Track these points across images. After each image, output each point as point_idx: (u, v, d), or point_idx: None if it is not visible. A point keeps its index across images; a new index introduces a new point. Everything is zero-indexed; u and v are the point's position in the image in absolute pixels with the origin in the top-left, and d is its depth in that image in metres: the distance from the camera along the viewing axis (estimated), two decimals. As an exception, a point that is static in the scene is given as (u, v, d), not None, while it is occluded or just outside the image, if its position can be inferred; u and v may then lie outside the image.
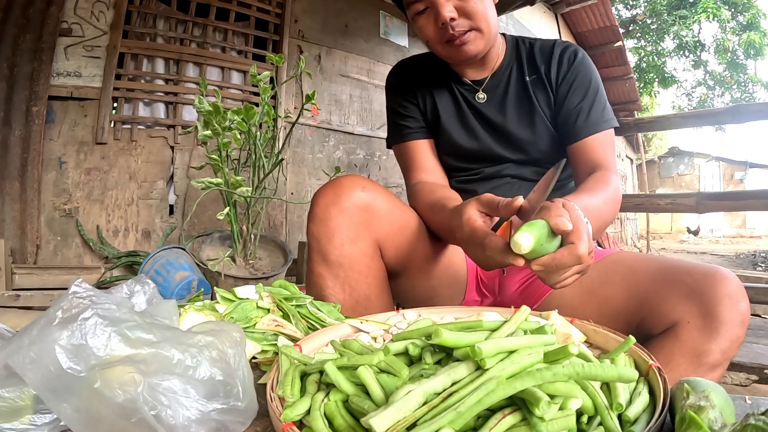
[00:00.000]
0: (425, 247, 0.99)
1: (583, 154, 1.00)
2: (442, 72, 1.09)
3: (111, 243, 2.69)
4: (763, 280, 3.88)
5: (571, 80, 1.01)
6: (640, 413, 0.42)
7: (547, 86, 1.03)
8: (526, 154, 1.05)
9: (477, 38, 0.95)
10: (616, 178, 0.94)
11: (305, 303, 0.79)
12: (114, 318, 0.47)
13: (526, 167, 1.07)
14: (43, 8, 2.48)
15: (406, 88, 1.12)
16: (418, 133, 1.11)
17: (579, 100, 1.00)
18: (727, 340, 0.69)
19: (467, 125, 1.07)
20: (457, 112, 1.08)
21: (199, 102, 2.04)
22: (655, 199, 2.58)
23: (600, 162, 0.97)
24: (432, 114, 1.10)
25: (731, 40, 11.06)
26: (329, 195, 0.91)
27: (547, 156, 1.05)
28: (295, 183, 3.39)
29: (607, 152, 1.00)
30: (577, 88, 1.01)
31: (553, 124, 1.04)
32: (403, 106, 1.12)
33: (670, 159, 19.41)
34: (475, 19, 0.93)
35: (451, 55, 0.99)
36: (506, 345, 0.42)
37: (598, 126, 1.00)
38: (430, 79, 1.10)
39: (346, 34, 3.71)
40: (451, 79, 1.08)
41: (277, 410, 0.44)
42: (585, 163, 0.99)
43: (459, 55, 0.97)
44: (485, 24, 0.94)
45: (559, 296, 0.93)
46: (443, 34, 0.94)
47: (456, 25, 0.92)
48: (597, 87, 1.02)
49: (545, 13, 6.34)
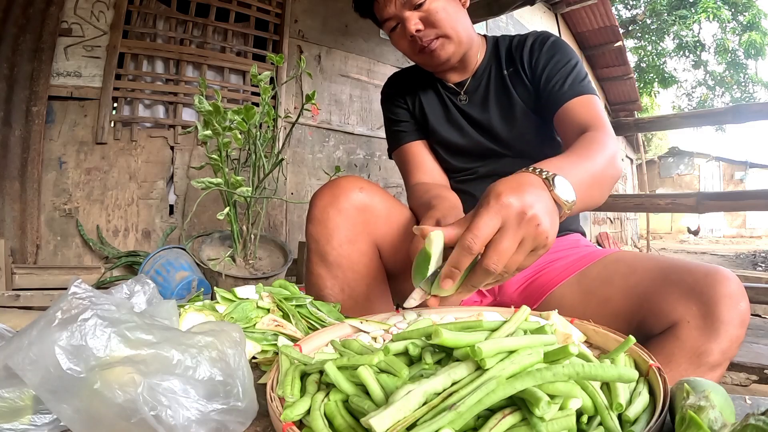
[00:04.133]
0: (424, 247, 0.99)
1: (568, 118, 0.94)
2: (429, 78, 1.13)
3: (111, 243, 2.69)
4: (763, 280, 3.88)
5: (545, 60, 1.01)
6: (640, 413, 0.42)
7: (523, 76, 1.04)
8: (515, 149, 1.06)
9: (446, 44, 0.99)
10: (606, 136, 0.83)
11: (305, 303, 0.79)
12: (114, 319, 0.47)
13: (521, 162, 1.06)
14: (43, 8, 2.48)
15: (397, 96, 1.17)
16: (411, 134, 1.14)
17: (555, 73, 0.99)
18: (727, 340, 0.69)
19: (455, 123, 1.10)
20: (445, 112, 1.11)
21: (199, 102, 2.04)
22: (655, 199, 2.57)
23: (587, 122, 0.90)
24: (421, 115, 1.13)
25: (731, 40, 11.06)
26: (327, 196, 0.91)
27: (534, 148, 1.05)
28: (295, 183, 3.39)
29: (592, 111, 0.92)
30: (553, 65, 1.00)
31: (535, 111, 1.04)
32: (395, 113, 1.16)
33: (670, 159, 19.41)
34: (441, 27, 0.97)
35: (426, 62, 1.04)
36: (506, 345, 0.42)
37: (578, 90, 0.96)
38: (418, 85, 1.15)
39: (346, 34, 3.71)
40: (437, 84, 1.12)
41: (277, 410, 0.44)
42: (571, 127, 0.92)
43: (432, 61, 1.02)
44: (452, 30, 0.98)
45: (559, 296, 0.93)
46: (414, 46, 0.99)
47: (423, 36, 0.97)
48: (574, 62, 1.00)
49: (545, 13, 6.34)
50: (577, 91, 0.96)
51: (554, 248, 1.04)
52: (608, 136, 0.84)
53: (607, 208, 4.56)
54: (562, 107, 0.96)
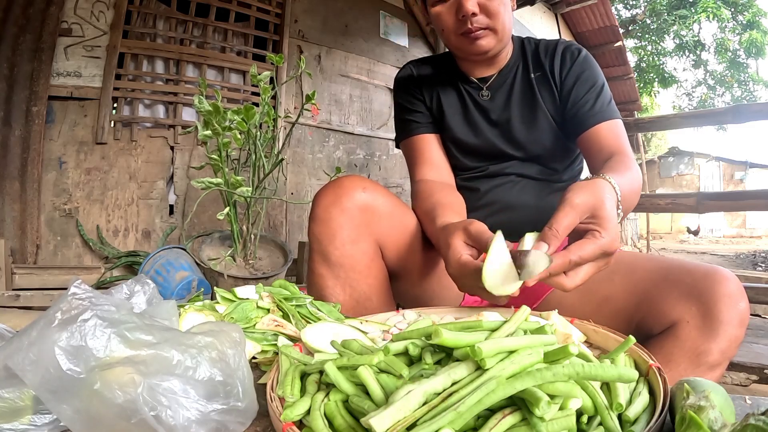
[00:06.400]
0: (425, 248, 0.99)
1: (596, 141, 0.98)
2: (450, 71, 1.12)
3: (111, 243, 2.69)
4: (763, 280, 3.88)
5: (575, 75, 1.02)
6: (640, 413, 0.42)
7: (551, 83, 1.04)
8: (529, 151, 1.06)
9: (490, 36, 0.98)
10: (633, 162, 0.91)
11: (305, 303, 0.79)
12: (113, 319, 0.47)
13: (530, 165, 1.07)
14: (43, 8, 2.48)
15: (413, 86, 1.14)
16: (425, 127, 1.12)
17: (585, 92, 1.01)
18: (726, 340, 0.69)
19: (471, 122, 1.09)
20: (462, 109, 1.10)
21: (199, 102, 2.04)
22: (655, 199, 2.57)
23: (616, 148, 0.95)
24: (437, 110, 1.11)
25: (731, 39, 11.06)
26: (330, 196, 0.91)
27: (549, 153, 1.06)
28: (295, 183, 3.39)
29: (620, 139, 0.97)
30: (583, 82, 1.02)
31: (557, 120, 1.04)
32: (410, 102, 1.14)
33: (670, 159, 19.41)
34: (494, 18, 0.96)
35: (463, 47, 1.01)
36: (506, 345, 0.42)
37: (607, 114, 0.99)
38: (436, 77, 1.13)
39: (346, 34, 3.71)
40: (458, 78, 1.10)
41: (277, 410, 0.44)
42: (600, 150, 0.97)
43: (471, 49, 1.00)
44: (501, 25, 0.97)
45: (559, 296, 0.93)
46: (461, 26, 0.97)
47: (475, 21, 0.95)
48: (602, 83, 1.03)
49: (545, 13, 6.34)
50: (606, 115, 0.99)
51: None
52: (634, 162, 0.92)
53: (607, 208, 4.55)
54: (590, 129, 0.98)
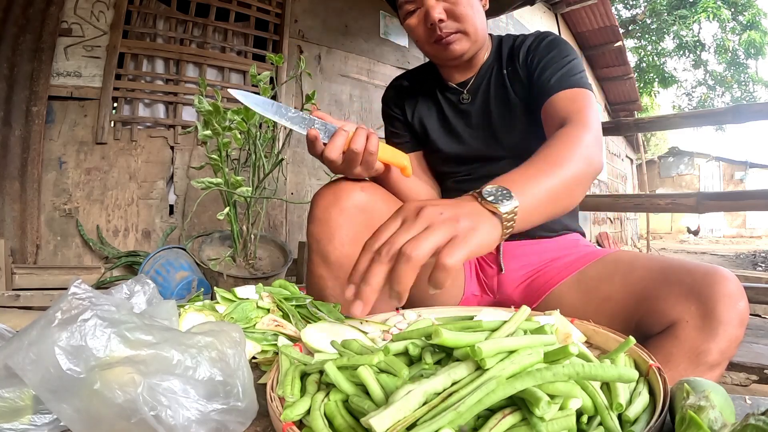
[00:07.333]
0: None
1: (551, 112, 0.89)
2: (430, 82, 1.13)
3: (111, 243, 2.69)
4: (763, 280, 3.88)
5: (540, 57, 0.99)
6: (640, 413, 0.42)
7: (521, 74, 1.03)
8: (514, 149, 1.05)
9: (462, 39, 0.98)
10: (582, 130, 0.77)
11: (305, 303, 0.79)
12: (113, 319, 0.47)
13: (521, 162, 1.06)
14: (43, 8, 2.48)
15: (394, 105, 1.17)
16: (404, 146, 1.13)
17: (548, 68, 0.96)
18: (726, 339, 0.69)
19: (452, 131, 1.09)
20: (442, 119, 1.11)
21: (199, 102, 2.04)
22: (655, 199, 2.57)
23: (567, 115, 0.83)
24: (419, 125, 1.13)
25: (731, 39, 11.06)
26: (329, 196, 0.91)
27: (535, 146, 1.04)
28: (295, 183, 3.39)
29: (577, 104, 0.86)
30: (548, 61, 0.97)
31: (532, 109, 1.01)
32: (391, 123, 1.17)
33: (670, 159, 19.41)
34: (463, 21, 0.96)
35: (438, 54, 1.02)
36: (506, 345, 0.42)
37: (568, 82, 0.91)
38: (418, 91, 1.14)
39: (346, 34, 3.71)
40: (438, 87, 1.11)
41: (277, 410, 0.44)
42: (552, 122, 0.88)
43: (446, 55, 1.00)
44: (472, 27, 0.97)
45: (558, 295, 0.93)
46: (431, 34, 0.97)
47: (444, 27, 0.95)
48: (570, 59, 0.97)
49: (545, 13, 6.34)
50: (565, 84, 0.91)
51: (554, 248, 1.04)
52: (585, 130, 0.77)
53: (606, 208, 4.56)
54: (549, 100, 0.91)
